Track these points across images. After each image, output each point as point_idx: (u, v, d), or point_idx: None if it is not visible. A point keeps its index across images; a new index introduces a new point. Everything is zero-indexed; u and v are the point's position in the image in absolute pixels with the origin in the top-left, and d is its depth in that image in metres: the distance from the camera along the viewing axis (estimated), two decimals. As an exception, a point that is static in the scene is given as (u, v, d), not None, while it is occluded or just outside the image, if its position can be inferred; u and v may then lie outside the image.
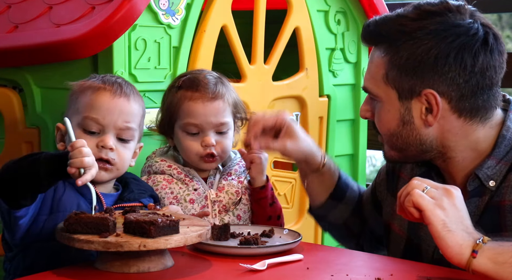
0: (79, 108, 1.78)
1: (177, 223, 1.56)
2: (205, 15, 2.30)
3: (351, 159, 2.81)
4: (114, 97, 1.78)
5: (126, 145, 1.79)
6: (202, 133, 1.97)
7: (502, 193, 1.67)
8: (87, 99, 1.78)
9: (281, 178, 2.57)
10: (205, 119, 1.96)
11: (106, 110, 1.76)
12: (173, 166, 2.00)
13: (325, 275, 1.56)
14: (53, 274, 1.55)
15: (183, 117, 1.98)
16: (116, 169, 1.78)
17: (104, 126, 1.76)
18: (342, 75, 2.72)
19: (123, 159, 1.79)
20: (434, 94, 1.66)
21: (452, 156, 1.72)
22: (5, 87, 2.30)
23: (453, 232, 1.48)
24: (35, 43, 2.13)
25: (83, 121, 1.76)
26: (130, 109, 1.80)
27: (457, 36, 1.64)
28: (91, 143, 1.72)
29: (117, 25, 2.03)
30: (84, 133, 1.76)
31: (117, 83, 1.80)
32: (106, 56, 2.09)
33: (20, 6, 2.30)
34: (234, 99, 2.03)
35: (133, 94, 1.82)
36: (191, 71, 2.13)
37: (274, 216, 2.03)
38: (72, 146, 1.57)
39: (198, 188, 1.97)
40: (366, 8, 2.74)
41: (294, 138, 1.90)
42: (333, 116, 2.68)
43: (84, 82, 1.82)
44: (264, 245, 1.73)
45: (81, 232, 1.54)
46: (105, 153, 1.75)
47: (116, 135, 1.78)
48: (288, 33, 2.50)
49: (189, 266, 1.61)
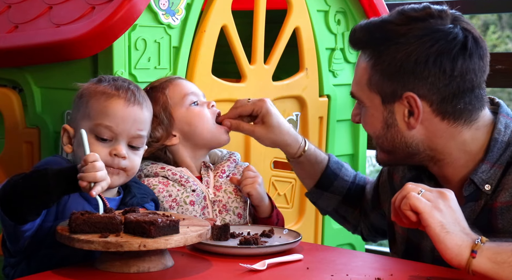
0: (91, 113, 1.77)
1: (177, 223, 1.56)
2: (205, 15, 2.30)
3: (351, 159, 2.81)
4: (128, 105, 1.77)
5: (137, 152, 1.80)
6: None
7: (496, 196, 1.68)
8: (100, 105, 1.76)
9: (281, 178, 2.57)
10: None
11: (120, 119, 1.75)
12: (167, 167, 1.99)
13: (325, 275, 1.56)
14: (53, 274, 1.55)
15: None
16: (126, 175, 1.78)
17: (117, 134, 1.76)
18: (342, 75, 2.72)
19: (134, 166, 1.79)
20: (414, 97, 1.68)
21: (441, 158, 1.73)
22: (5, 87, 2.30)
23: (452, 234, 1.48)
24: (35, 43, 2.13)
25: (95, 128, 1.75)
26: (143, 117, 1.80)
27: (436, 41, 1.67)
28: (103, 151, 1.73)
29: (117, 25, 2.03)
30: (96, 140, 1.75)
31: (130, 90, 1.79)
32: (106, 56, 2.09)
33: (20, 6, 2.30)
34: None
35: (145, 101, 1.82)
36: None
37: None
38: (85, 160, 1.58)
39: (196, 188, 1.97)
40: (366, 8, 2.73)
41: (266, 126, 1.99)
42: (333, 116, 2.68)
43: (96, 86, 1.81)
44: (264, 245, 1.73)
45: (88, 232, 1.54)
46: (117, 161, 1.75)
47: (128, 142, 1.78)
48: (288, 33, 2.50)
49: (189, 266, 1.61)
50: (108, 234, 1.53)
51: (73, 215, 1.56)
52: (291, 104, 2.57)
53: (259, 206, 2.00)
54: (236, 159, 2.07)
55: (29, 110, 2.24)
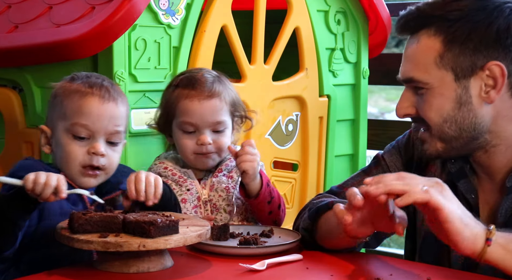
0: (66, 113, 1.75)
1: (177, 223, 1.56)
2: (205, 15, 2.30)
3: (351, 159, 2.81)
4: (103, 102, 1.75)
5: (115, 148, 1.78)
6: (198, 131, 1.97)
7: None
8: (75, 104, 1.75)
9: (281, 178, 2.57)
10: (201, 118, 1.96)
11: (96, 116, 1.74)
12: (169, 168, 2.00)
13: (325, 275, 1.56)
14: (53, 274, 1.55)
15: (180, 115, 1.98)
16: (105, 174, 1.77)
17: (94, 132, 1.74)
18: (342, 75, 2.72)
19: (113, 163, 1.78)
20: (501, 65, 1.64)
21: (497, 144, 1.70)
22: (5, 87, 2.30)
23: (468, 225, 1.49)
24: (35, 43, 2.13)
25: (72, 127, 1.74)
26: (119, 113, 1.78)
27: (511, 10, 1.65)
28: (81, 150, 1.73)
29: (117, 25, 2.03)
30: (74, 139, 1.74)
31: (104, 87, 1.77)
32: (106, 56, 2.09)
33: (20, 6, 2.30)
34: (232, 97, 2.02)
35: (120, 96, 1.80)
36: (190, 69, 2.14)
37: (274, 208, 2.01)
38: (26, 182, 1.55)
39: (191, 188, 1.97)
40: (366, 8, 2.74)
41: None
42: (333, 116, 2.68)
43: (69, 85, 1.79)
44: (263, 245, 1.73)
45: (91, 231, 1.54)
46: (96, 159, 1.74)
47: (106, 139, 1.76)
48: (288, 33, 2.50)
49: (189, 266, 1.61)
50: (108, 234, 1.53)
51: (74, 215, 1.56)
52: (291, 104, 2.57)
53: (249, 185, 1.95)
54: None
55: (29, 110, 2.24)
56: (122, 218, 1.56)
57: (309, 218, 1.78)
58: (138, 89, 2.15)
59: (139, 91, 2.16)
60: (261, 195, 1.96)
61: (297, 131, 2.60)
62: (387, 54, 3.06)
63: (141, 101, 2.17)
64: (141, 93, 2.17)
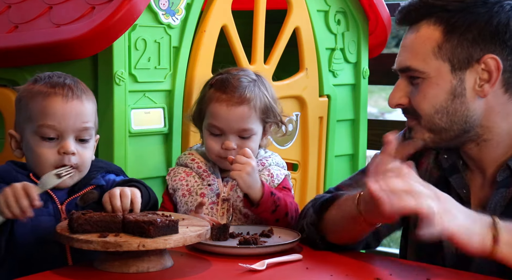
0: (32, 115, 1.74)
1: (176, 223, 1.57)
2: (205, 15, 2.30)
3: (351, 159, 2.81)
4: (67, 101, 1.74)
5: (86, 145, 1.77)
6: (224, 135, 1.97)
7: None
8: (39, 105, 1.74)
9: (281, 178, 2.57)
10: (227, 123, 1.96)
11: (61, 116, 1.72)
12: (196, 160, 2.01)
13: (325, 275, 1.56)
14: (53, 274, 1.55)
15: (209, 117, 1.99)
16: (78, 172, 1.76)
17: (62, 132, 1.73)
18: (342, 75, 2.72)
19: (85, 160, 1.76)
20: (496, 59, 1.65)
21: (488, 138, 1.70)
22: (5, 87, 2.30)
23: (472, 229, 1.50)
24: (35, 43, 2.13)
25: (39, 129, 1.73)
26: (85, 110, 1.76)
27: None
28: (51, 151, 1.72)
29: (117, 25, 2.03)
30: (42, 141, 1.73)
31: (67, 86, 1.76)
32: (106, 56, 2.09)
33: (20, 6, 2.30)
34: (265, 103, 2.00)
35: (85, 93, 1.78)
36: (231, 68, 2.09)
37: (281, 217, 1.94)
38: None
39: (212, 184, 1.98)
40: (366, 8, 2.74)
41: None
42: (333, 116, 2.68)
43: (32, 87, 1.78)
44: (263, 245, 1.73)
45: (91, 231, 1.54)
46: (67, 159, 1.73)
47: (76, 137, 1.75)
48: (288, 33, 2.50)
49: (189, 266, 1.61)
50: (108, 234, 1.53)
51: (74, 215, 1.56)
52: (291, 104, 2.57)
53: (248, 194, 1.90)
54: (265, 162, 2.02)
55: (29, 110, 2.24)
56: (122, 218, 1.57)
57: (315, 212, 1.78)
58: (138, 89, 2.15)
59: (139, 91, 2.16)
60: (262, 204, 1.90)
61: (297, 131, 2.60)
62: (387, 54, 3.06)
63: (141, 101, 2.17)
64: (141, 93, 2.17)
